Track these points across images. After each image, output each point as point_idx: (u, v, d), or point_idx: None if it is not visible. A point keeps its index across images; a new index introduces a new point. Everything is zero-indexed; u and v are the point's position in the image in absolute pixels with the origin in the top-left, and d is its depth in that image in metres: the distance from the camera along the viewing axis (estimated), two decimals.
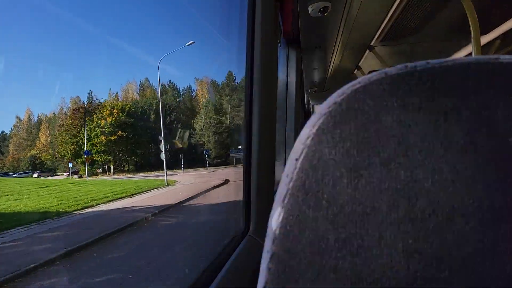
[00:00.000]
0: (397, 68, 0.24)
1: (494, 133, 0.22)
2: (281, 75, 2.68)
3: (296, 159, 0.24)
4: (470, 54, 1.98)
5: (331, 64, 3.43)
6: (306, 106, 6.47)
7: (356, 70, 3.85)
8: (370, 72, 0.25)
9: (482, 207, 0.21)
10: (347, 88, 0.24)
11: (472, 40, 1.78)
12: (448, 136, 0.22)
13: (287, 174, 0.24)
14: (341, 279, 0.22)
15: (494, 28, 2.47)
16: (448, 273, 0.21)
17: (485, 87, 0.22)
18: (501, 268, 0.21)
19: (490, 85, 0.22)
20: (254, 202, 1.27)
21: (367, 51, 3.06)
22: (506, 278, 0.21)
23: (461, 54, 2.98)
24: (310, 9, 1.98)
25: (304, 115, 5.57)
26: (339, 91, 0.25)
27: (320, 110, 0.25)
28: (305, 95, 5.34)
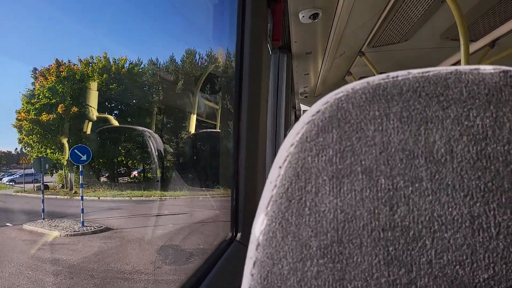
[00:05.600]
0: (379, 77, 0.24)
1: (474, 142, 0.22)
2: (272, 81, 2.66)
3: (280, 167, 0.25)
4: (459, 61, 1.98)
5: (322, 69, 3.43)
6: (297, 111, 6.47)
7: (347, 75, 3.86)
8: (360, 78, 0.24)
9: (461, 215, 0.21)
10: (330, 97, 0.25)
11: (461, 47, 1.79)
12: (428, 145, 0.22)
13: (271, 181, 0.25)
14: (322, 285, 0.22)
15: (484, 36, 2.50)
16: (427, 280, 0.21)
17: (465, 97, 0.23)
18: (479, 275, 0.21)
19: (470, 95, 0.23)
20: (242, 208, 1.27)
21: (358, 57, 3.07)
22: (484, 285, 0.21)
23: (451, 61, 3.00)
24: (300, 16, 1.97)
25: (295, 120, 5.56)
26: (323, 99, 0.25)
27: (303, 118, 0.25)
28: (296, 101, 5.34)
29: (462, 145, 0.22)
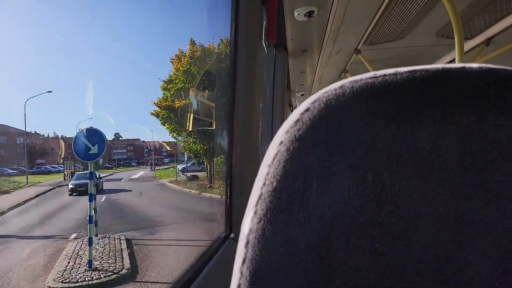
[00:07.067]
0: (367, 76, 0.25)
1: (460, 139, 0.22)
2: (268, 79, 2.65)
3: (269, 165, 0.25)
4: (455, 59, 1.99)
5: (318, 67, 3.42)
6: (293, 109, 6.46)
7: (343, 73, 3.85)
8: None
9: (447, 211, 0.22)
10: (319, 95, 0.25)
11: (456, 45, 1.79)
12: (414, 142, 0.23)
13: (260, 178, 0.25)
14: (311, 282, 0.22)
15: (479, 34, 2.50)
16: (414, 276, 0.21)
17: (452, 94, 0.23)
18: (463, 271, 0.21)
19: (456, 93, 0.23)
20: (236, 206, 1.27)
21: (354, 54, 3.06)
22: (468, 281, 0.21)
23: (447, 59, 3.01)
24: (296, 13, 1.97)
25: None
26: (312, 97, 0.25)
27: (292, 116, 0.25)
28: (293, 98, 5.33)
29: (448, 142, 0.22)
